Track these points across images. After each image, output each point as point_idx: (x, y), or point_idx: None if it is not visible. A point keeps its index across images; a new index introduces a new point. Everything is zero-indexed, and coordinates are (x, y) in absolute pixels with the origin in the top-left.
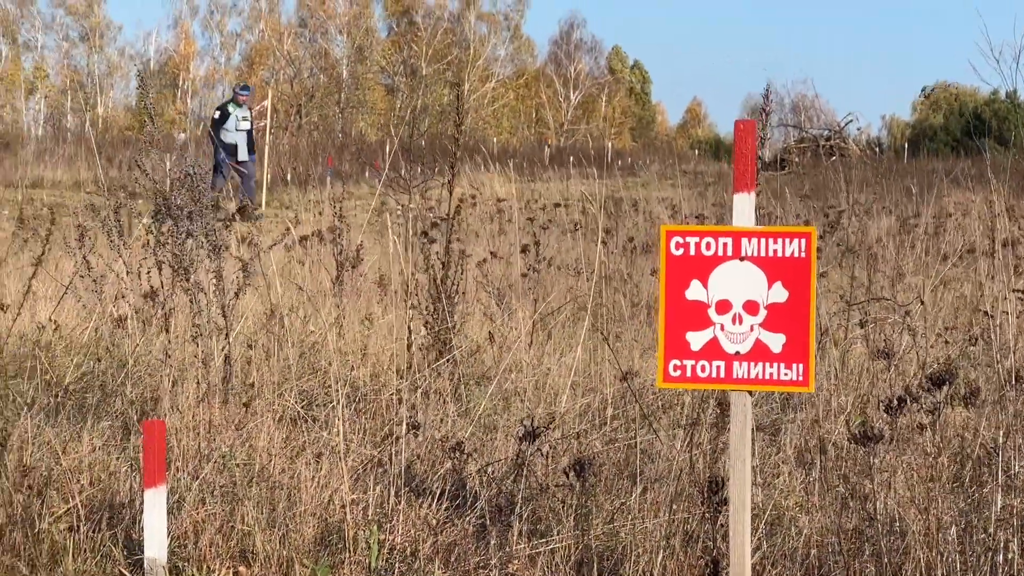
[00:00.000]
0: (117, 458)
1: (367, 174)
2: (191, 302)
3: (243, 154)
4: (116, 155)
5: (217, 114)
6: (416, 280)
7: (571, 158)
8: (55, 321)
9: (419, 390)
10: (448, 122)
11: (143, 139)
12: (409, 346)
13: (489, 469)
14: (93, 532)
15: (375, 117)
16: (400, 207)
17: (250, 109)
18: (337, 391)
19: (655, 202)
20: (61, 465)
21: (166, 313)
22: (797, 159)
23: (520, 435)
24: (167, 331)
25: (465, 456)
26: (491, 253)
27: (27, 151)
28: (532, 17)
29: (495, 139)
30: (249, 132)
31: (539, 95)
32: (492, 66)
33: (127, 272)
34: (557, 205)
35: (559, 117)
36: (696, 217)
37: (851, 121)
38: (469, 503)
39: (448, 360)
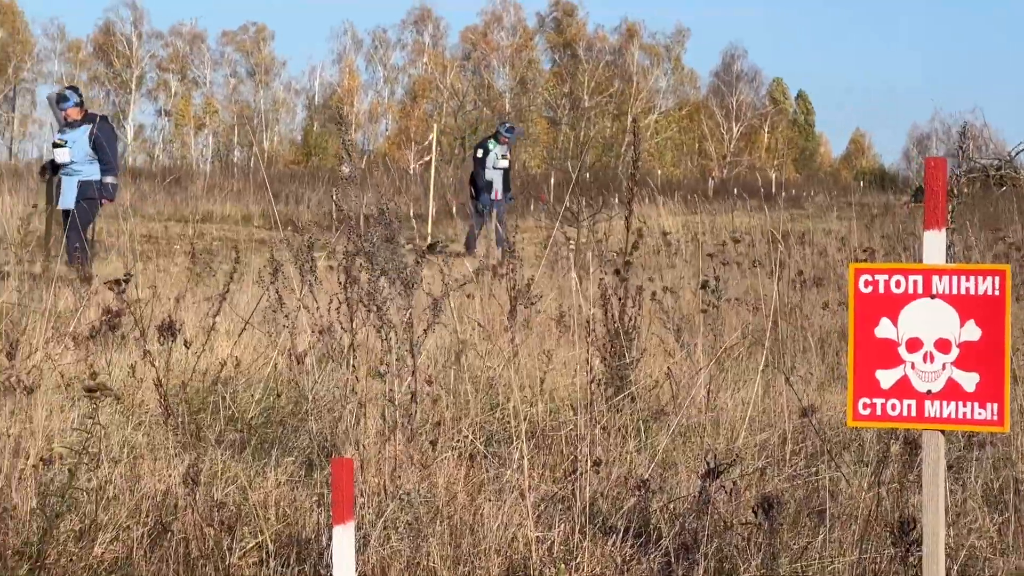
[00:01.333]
0: (303, 493)
1: (532, 207)
2: (382, 339)
3: (498, 193)
4: (283, 189)
5: (479, 152)
6: (593, 315)
7: (735, 190)
8: (237, 357)
9: (598, 426)
10: (612, 155)
11: (340, 175)
12: (589, 382)
13: (671, 506)
14: (282, 567)
15: (538, 149)
16: (569, 240)
17: (510, 149)
18: (517, 427)
19: (821, 234)
20: (249, 500)
21: (351, 349)
22: (966, 189)
23: (703, 472)
24: (350, 367)
25: (650, 494)
26: (664, 287)
27: (197, 186)
28: (692, 48)
29: (659, 171)
30: (506, 171)
31: (701, 127)
32: (654, 98)
33: (317, 308)
34: (736, 241)
35: (721, 149)
36: (864, 251)
37: (1023, 151)
38: (654, 540)
39: (626, 396)
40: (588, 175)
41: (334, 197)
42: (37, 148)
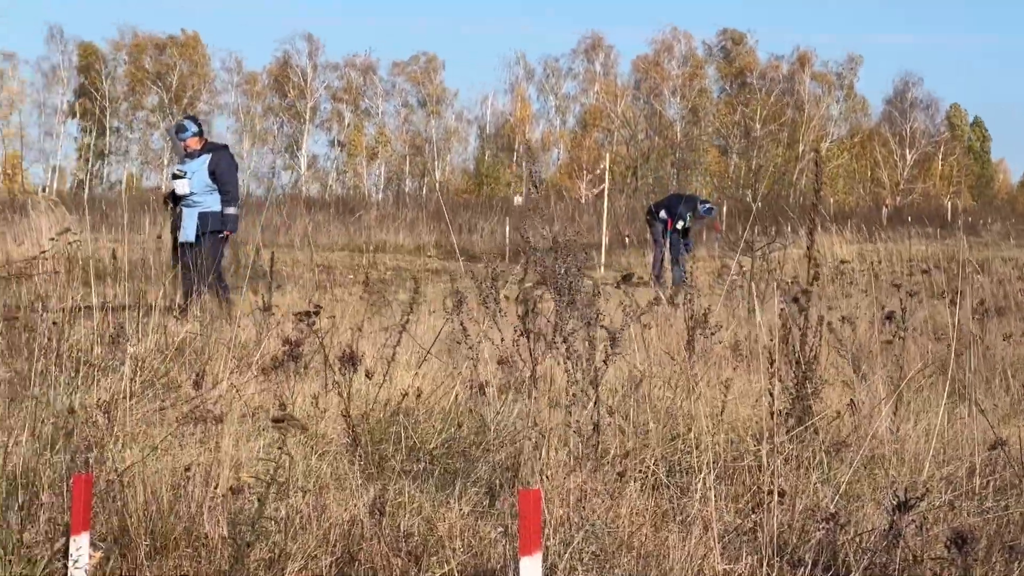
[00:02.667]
0: (487, 524)
1: (705, 236)
2: (566, 371)
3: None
4: (456, 219)
5: (679, 222)
6: (774, 344)
7: (909, 218)
8: (418, 388)
9: (781, 457)
10: (784, 184)
11: (528, 207)
12: (772, 413)
13: (859, 539)
14: None
15: (709, 178)
16: (741, 269)
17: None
18: (698, 457)
19: (1000, 263)
20: (434, 530)
21: (532, 380)
22: None
23: (892, 505)
24: (532, 398)
25: (839, 527)
26: (842, 317)
27: (370, 216)
28: (865, 75)
29: (831, 199)
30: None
31: (873, 154)
32: (826, 126)
33: (501, 339)
34: (925, 272)
35: (894, 176)
36: None
37: None
38: (843, 574)
39: (808, 426)
40: (760, 204)
41: (520, 228)
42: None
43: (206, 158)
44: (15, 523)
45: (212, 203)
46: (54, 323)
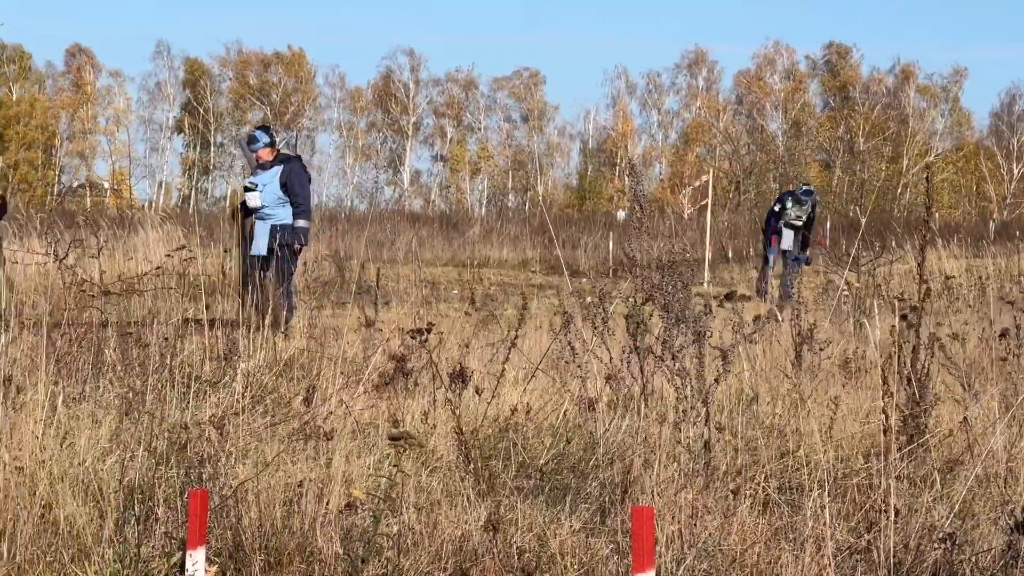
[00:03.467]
0: (598, 541)
1: (808, 251)
2: (675, 388)
3: (787, 244)
4: (559, 234)
5: (777, 206)
6: (884, 361)
7: (1017, 232)
8: (527, 404)
9: (894, 475)
10: (888, 198)
11: (632, 224)
12: (885, 431)
13: (976, 559)
14: None
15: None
16: (848, 284)
17: (812, 211)
18: (809, 475)
19: None
20: (547, 547)
21: (643, 397)
22: None
23: (1010, 525)
24: (642, 414)
25: (957, 547)
26: (951, 334)
27: (474, 231)
28: (970, 89)
29: (937, 214)
30: (802, 231)
31: (979, 168)
32: (931, 140)
33: (610, 357)
34: None
35: (1001, 191)
36: None
37: None
38: None
39: (921, 444)
40: (864, 219)
41: (625, 245)
42: (316, 194)
43: (278, 170)
44: (132, 537)
45: (284, 216)
46: (165, 339)
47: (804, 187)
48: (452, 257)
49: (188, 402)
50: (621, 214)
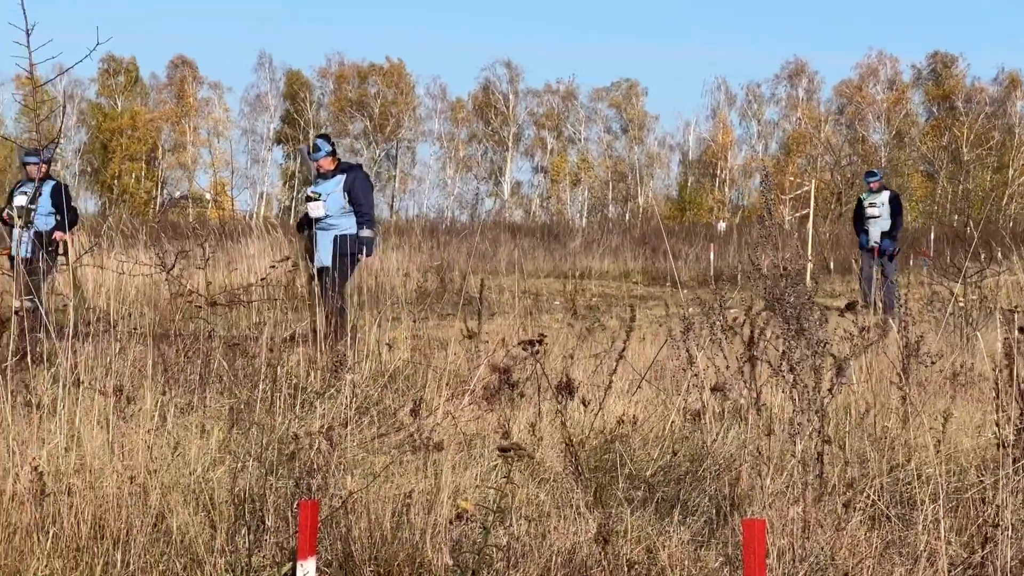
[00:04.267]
0: (708, 553)
1: (911, 262)
2: (792, 399)
3: (875, 237)
4: (660, 245)
5: (854, 202)
6: (997, 374)
7: None
8: (634, 415)
9: (1008, 489)
10: (993, 208)
11: (759, 235)
12: (999, 445)
13: None
14: None
15: (914, 203)
16: (954, 296)
17: (893, 200)
18: (921, 488)
19: None
20: (656, 559)
21: (756, 408)
22: None
23: None
24: (752, 426)
25: None
26: None
27: (575, 242)
28: None
29: None
30: (889, 223)
31: None
32: None
33: (727, 366)
34: None
35: None
36: None
37: None
38: None
39: None
40: (968, 229)
41: (751, 258)
42: (417, 205)
43: (341, 178)
44: (243, 547)
45: (348, 225)
46: (271, 350)
47: (867, 173)
48: (553, 268)
49: (295, 413)
50: (722, 225)
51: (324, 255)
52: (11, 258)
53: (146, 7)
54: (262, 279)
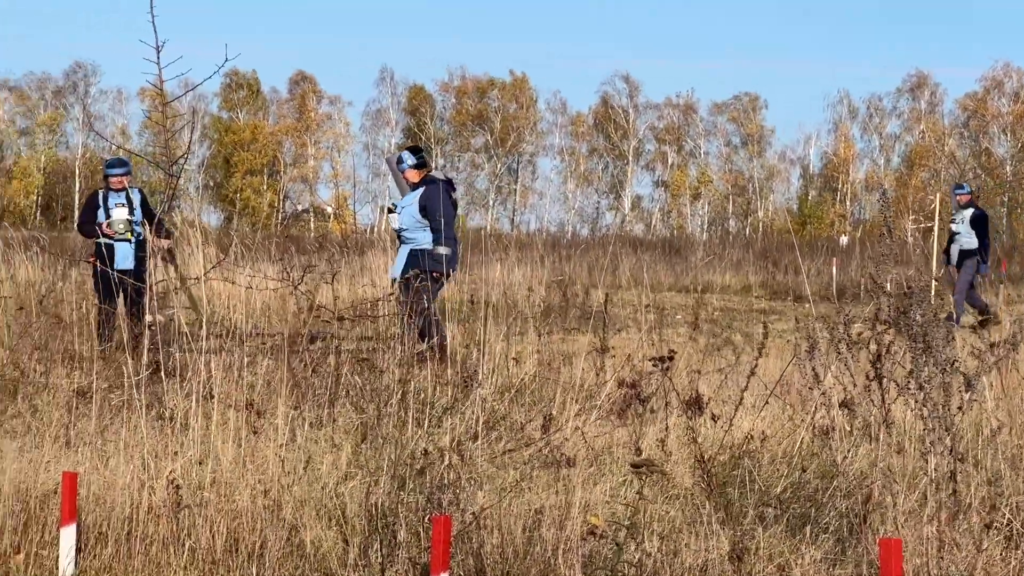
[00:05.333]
0: (840, 571)
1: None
2: (921, 417)
3: (953, 257)
4: (781, 259)
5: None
6: None
7: None
8: (763, 431)
9: None
10: None
11: (880, 253)
12: None
13: None
14: None
15: None
16: None
17: (980, 215)
18: None
19: None
20: None
21: (886, 425)
22: None
23: None
24: (883, 443)
25: None
26: None
27: (695, 256)
28: None
29: None
30: (976, 239)
31: None
32: None
33: (854, 384)
34: None
35: None
36: None
37: None
38: None
39: None
40: None
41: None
42: (538, 219)
43: (419, 192)
44: (376, 561)
45: (423, 240)
46: (399, 365)
47: (955, 184)
48: (675, 282)
49: (423, 428)
50: (843, 239)
51: (396, 268)
52: (94, 265)
53: (267, 23)
54: (389, 294)
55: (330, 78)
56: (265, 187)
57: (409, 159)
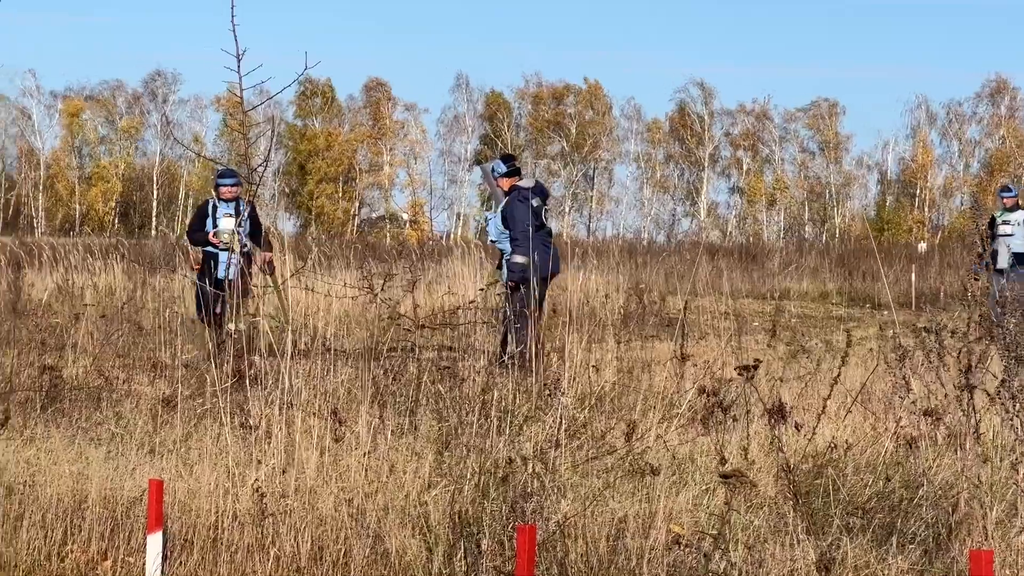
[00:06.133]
0: None
1: None
2: (1013, 428)
3: (1002, 262)
4: (858, 266)
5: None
6: None
7: None
8: (847, 440)
9: None
10: None
11: (972, 260)
12: None
13: None
14: None
15: None
16: None
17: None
18: None
19: None
20: None
21: (975, 436)
22: None
23: None
24: (970, 453)
25: None
26: None
27: (772, 262)
28: None
29: None
30: (1008, 239)
31: None
32: None
33: (945, 393)
34: None
35: None
36: None
37: None
38: None
39: None
40: None
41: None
42: (614, 226)
43: (504, 201)
44: (461, 570)
45: (508, 250)
46: (478, 373)
47: (1002, 186)
48: (752, 289)
49: (504, 436)
50: (922, 246)
51: (503, 275)
52: (201, 272)
53: (341, 31)
54: (470, 302)
55: (404, 85)
56: (340, 194)
57: (500, 167)
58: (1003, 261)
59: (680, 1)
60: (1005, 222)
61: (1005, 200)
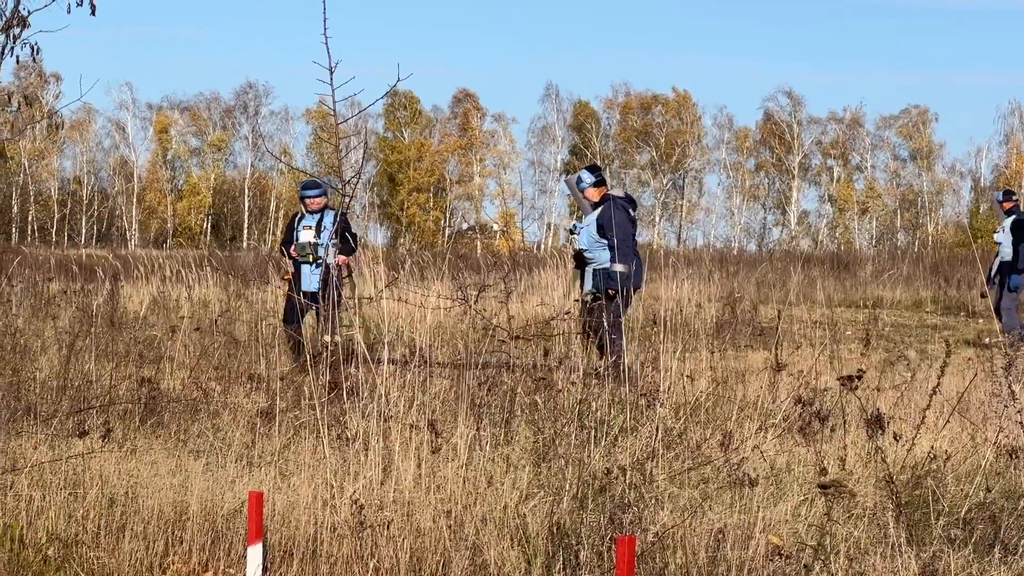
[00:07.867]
0: None
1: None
2: None
3: (994, 271)
4: (952, 274)
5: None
6: None
7: None
8: (946, 450)
9: None
10: None
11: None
12: None
13: None
14: None
15: None
16: None
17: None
18: None
19: None
20: None
21: None
22: None
23: None
24: None
25: None
26: None
27: (865, 271)
28: None
29: None
30: (999, 247)
31: None
32: None
33: None
34: None
35: None
36: None
37: None
38: None
39: None
40: None
41: None
42: (704, 235)
43: (597, 211)
44: None
45: (604, 259)
46: (572, 384)
47: (1004, 190)
48: (844, 297)
49: (600, 447)
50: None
51: (587, 286)
52: (290, 282)
53: (428, 42)
54: (565, 313)
55: (492, 95)
56: (431, 205)
57: (588, 178)
58: (994, 271)
59: (768, 8)
60: (995, 230)
61: (1003, 205)
